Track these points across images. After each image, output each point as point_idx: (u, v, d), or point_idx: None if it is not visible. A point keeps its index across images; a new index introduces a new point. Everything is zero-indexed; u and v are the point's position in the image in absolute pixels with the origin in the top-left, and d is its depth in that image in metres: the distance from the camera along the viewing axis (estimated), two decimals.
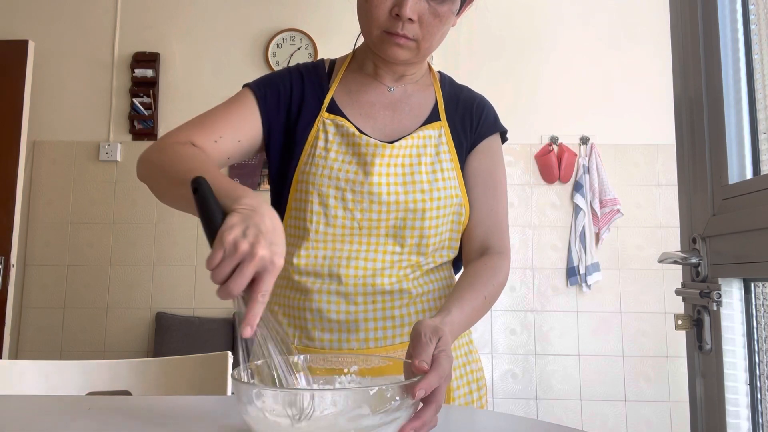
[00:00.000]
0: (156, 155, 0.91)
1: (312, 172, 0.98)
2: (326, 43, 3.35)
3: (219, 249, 0.62)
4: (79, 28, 3.39)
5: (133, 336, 3.20)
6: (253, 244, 0.63)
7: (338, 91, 1.06)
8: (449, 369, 0.68)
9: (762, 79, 1.04)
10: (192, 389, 1.10)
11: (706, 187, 1.10)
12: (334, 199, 0.97)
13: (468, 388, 1.03)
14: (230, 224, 0.64)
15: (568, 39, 3.38)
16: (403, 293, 0.98)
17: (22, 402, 0.84)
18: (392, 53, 0.97)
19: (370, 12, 0.94)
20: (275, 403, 0.58)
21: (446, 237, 1.02)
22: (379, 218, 0.97)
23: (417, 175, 0.99)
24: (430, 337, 0.70)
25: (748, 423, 1.00)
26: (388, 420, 0.58)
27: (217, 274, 0.63)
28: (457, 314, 0.83)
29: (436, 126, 1.04)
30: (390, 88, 1.07)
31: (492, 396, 3.15)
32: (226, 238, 0.62)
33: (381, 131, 1.03)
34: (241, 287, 0.63)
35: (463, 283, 0.92)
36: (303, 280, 0.99)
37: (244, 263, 0.62)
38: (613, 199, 3.16)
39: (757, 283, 1.02)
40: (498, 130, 1.10)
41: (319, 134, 1.01)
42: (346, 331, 0.96)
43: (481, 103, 1.11)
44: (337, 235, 0.98)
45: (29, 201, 3.26)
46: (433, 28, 0.95)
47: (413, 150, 1.01)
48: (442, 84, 1.11)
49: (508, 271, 1.00)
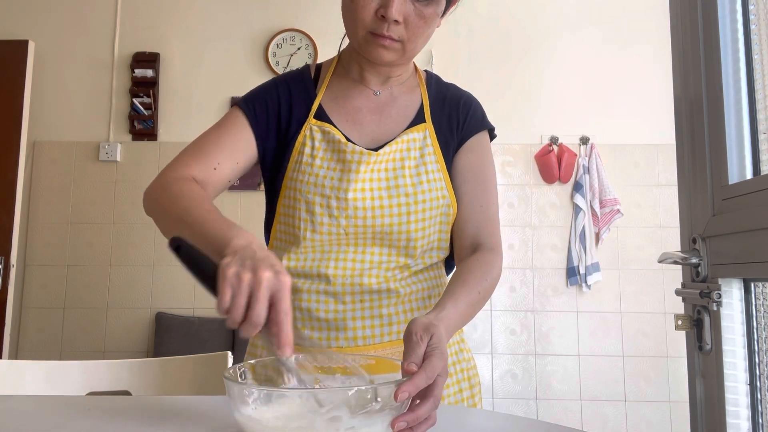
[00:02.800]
0: (158, 193, 0.93)
1: (299, 179, 1.00)
2: (326, 43, 3.35)
3: (225, 287, 0.63)
4: (79, 28, 3.39)
5: (133, 336, 3.21)
6: (254, 270, 0.64)
7: (325, 97, 1.07)
8: (443, 366, 0.67)
9: (762, 79, 1.04)
10: (192, 389, 1.10)
11: (706, 187, 1.10)
12: (320, 207, 0.98)
13: (458, 387, 1.03)
14: (226, 263, 0.66)
15: (568, 39, 3.38)
16: (390, 292, 0.98)
17: (22, 402, 0.84)
18: (377, 55, 0.97)
19: (356, 13, 0.94)
20: (264, 402, 0.58)
21: (435, 239, 1.02)
22: (365, 224, 0.98)
23: (401, 179, 1.00)
24: (422, 336, 0.70)
25: (748, 423, 1.00)
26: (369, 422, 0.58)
27: (234, 313, 0.63)
28: (452, 310, 0.83)
29: (421, 128, 1.04)
30: (376, 92, 1.07)
31: (492, 396, 3.15)
32: (228, 275, 0.64)
33: (368, 136, 1.03)
34: (263, 314, 0.63)
35: (456, 280, 0.92)
36: (293, 281, 0.99)
37: (255, 290, 0.63)
38: (613, 199, 3.16)
39: (757, 283, 1.02)
40: (485, 127, 1.10)
41: (306, 141, 1.02)
42: (334, 330, 0.97)
43: (467, 100, 1.11)
44: (324, 242, 0.99)
45: (29, 201, 3.26)
46: (418, 29, 0.95)
47: (397, 155, 1.01)
48: (428, 84, 1.11)
49: (500, 267, 1.00)
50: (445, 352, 0.70)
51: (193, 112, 3.32)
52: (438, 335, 0.71)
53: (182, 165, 0.98)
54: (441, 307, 0.82)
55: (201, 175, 0.97)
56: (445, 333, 0.74)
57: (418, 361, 0.67)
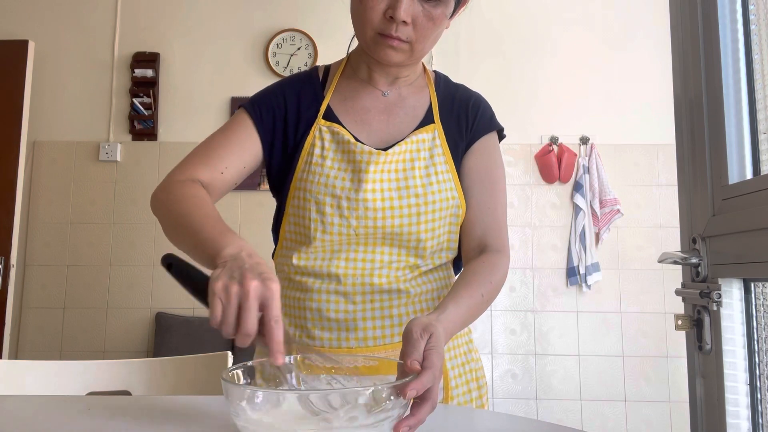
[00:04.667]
0: (162, 194, 0.94)
1: (309, 180, 1.00)
2: (326, 43, 3.35)
3: (215, 301, 0.65)
4: (79, 28, 3.39)
5: (133, 336, 3.21)
6: (241, 281, 0.65)
7: (334, 98, 1.06)
8: (440, 366, 0.68)
9: (762, 79, 1.04)
10: (192, 389, 1.10)
11: (706, 187, 1.10)
12: (330, 207, 0.98)
13: (467, 387, 1.03)
14: (215, 276, 0.68)
15: (568, 39, 3.38)
16: (401, 293, 0.98)
17: (22, 402, 0.84)
18: (385, 55, 0.97)
19: (364, 14, 0.94)
20: (264, 404, 0.58)
21: (444, 239, 1.02)
22: (375, 225, 0.97)
23: (411, 180, 0.99)
24: (421, 334, 0.70)
25: (748, 423, 1.00)
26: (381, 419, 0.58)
27: (226, 325, 0.65)
28: (453, 311, 0.83)
29: (430, 129, 1.04)
30: (384, 93, 1.07)
31: (492, 396, 3.15)
32: (217, 288, 0.66)
33: (376, 137, 1.03)
34: (254, 324, 0.65)
35: (460, 282, 0.92)
36: (303, 279, 1.00)
37: (244, 300, 0.64)
38: (613, 199, 3.16)
39: (757, 283, 1.02)
40: (494, 128, 1.10)
41: (315, 141, 1.02)
42: (345, 330, 0.97)
43: (476, 101, 1.10)
44: (334, 242, 0.99)
45: (29, 201, 3.26)
46: (426, 30, 0.95)
47: (407, 155, 1.01)
48: (437, 84, 1.11)
49: (507, 269, 1.00)
50: (443, 352, 0.70)
51: (193, 112, 3.31)
52: (437, 335, 0.71)
53: (189, 167, 0.98)
54: (442, 309, 0.82)
55: (207, 178, 0.97)
56: (444, 334, 0.74)
57: (419, 358, 0.67)
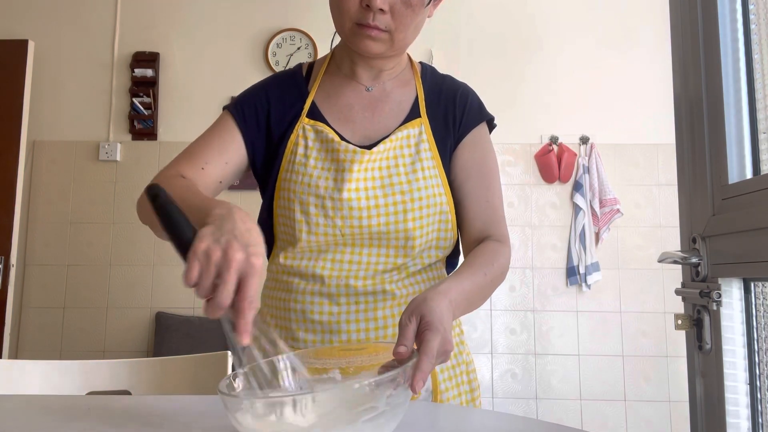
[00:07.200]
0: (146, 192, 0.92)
1: (293, 180, 0.99)
2: (326, 43, 3.33)
3: (193, 262, 0.60)
4: (79, 28, 3.39)
5: (133, 336, 3.20)
6: (225, 249, 0.60)
7: (318, 95, 1.05)
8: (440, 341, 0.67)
9: (762, 79, 1.04)
10: (192, 389, 1.10)
11: (706, 187, 1.10)
12: (315, 207, 0.96)
13: (457, 390, 1.00)
14: (201, 235, 0.62)
15: (568, 39, 3.38)
16: (386, 294, 0.97)
17: (22, 402, 0.84)
18: (365, 46, 0.95)
19: (341, 4, 0.94)
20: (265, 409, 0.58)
21: (433, 237, 1.00)
22: (360, 225, 0.96)
23: (395, 177, 0.98)
24: (409, 317, 0.69)
25: (748, 423, 1.00)
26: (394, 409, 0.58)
27: (200, 290, 0.61)
28: (454, 284, 0.80)
29: (416, 123, 1.02)
30: (368, 88, 1.05)
31: (492, 396, 3.15)
32: (198, 249, 0.60)
33: (361, 134, 1.02)
34: (228, 298, 0.60)
35: (463, 265, 0.91)
36: (288, 279, 0.99)
37: (224, 271, 0.60)
38: (613, 198, 3.16)
39: (757, 283, 1.02)
40: (484, 118, 1.07)
41: (298, 140, 1.01)
42: (329, 332, 0.96)
43: (464, 92, 1.08)
44: (321, 243, 0.97)
45: (29, 201, 3.26)
46: (405, 18, 0.93)
47: (391, 152, 0.99)
48: (423, 76, 1.08)
49: (509, 258, 0.98)
50: (440, 327, 0.68)
51: (193, 111, 3.31)
52: (429, 311, 0.70)
53: (173, 167, 0.98)
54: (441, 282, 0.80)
55: (190, 174, 0.96)
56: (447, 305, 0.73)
57: (408, 343, 0.66)
